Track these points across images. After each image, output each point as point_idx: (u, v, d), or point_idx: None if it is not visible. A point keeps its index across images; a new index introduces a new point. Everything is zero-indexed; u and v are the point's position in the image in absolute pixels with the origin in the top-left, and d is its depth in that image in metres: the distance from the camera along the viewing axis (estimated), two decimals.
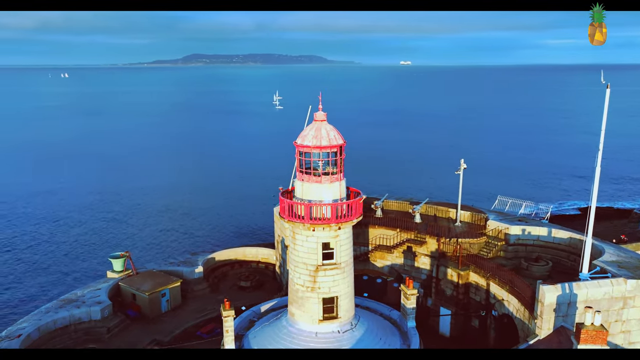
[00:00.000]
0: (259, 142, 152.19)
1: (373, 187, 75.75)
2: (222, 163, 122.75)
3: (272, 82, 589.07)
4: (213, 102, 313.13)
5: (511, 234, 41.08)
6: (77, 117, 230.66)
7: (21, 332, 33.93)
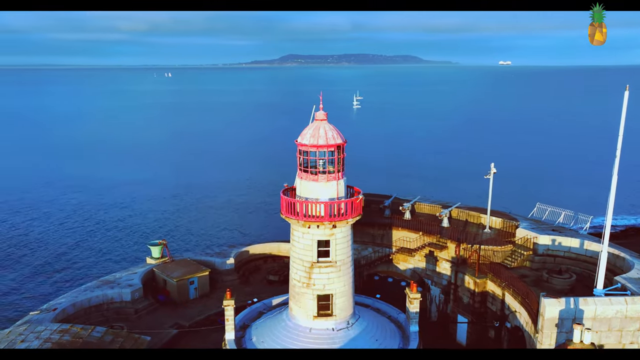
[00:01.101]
0: None
1: (417, 190, 74.81)
2: (278, 161, 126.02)
3: (361, 82, 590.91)
4: (297, 101, 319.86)
5: (540, 244, 39.04)
6: (172, 114, 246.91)
7: (57, 307, 37.93)
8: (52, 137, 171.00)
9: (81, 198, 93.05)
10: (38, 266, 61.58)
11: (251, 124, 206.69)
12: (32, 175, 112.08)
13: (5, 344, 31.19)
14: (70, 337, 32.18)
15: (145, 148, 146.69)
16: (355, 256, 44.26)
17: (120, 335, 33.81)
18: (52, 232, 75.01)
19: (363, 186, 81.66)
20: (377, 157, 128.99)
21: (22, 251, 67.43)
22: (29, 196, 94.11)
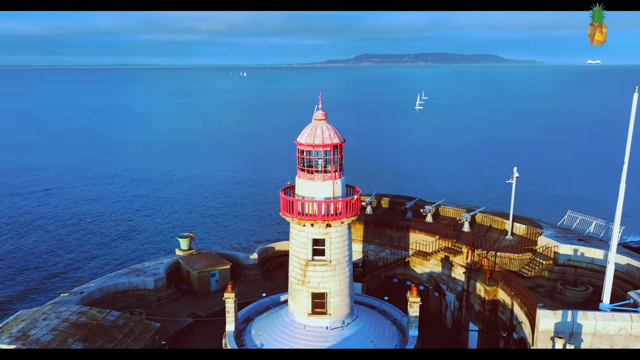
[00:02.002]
0: (364, 141, 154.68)
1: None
2: None
3: (435, 82, 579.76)
4: (362, 100, 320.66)
5: (560, 253, 37.27)
6: (240, 112, 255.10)
7: (84, 290, 41.07)
8: (122, 133, 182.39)
9: (135, 191, 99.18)
10: (82, 252, 66.77)
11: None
12: (96, 168, 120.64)
13: (29, 321, 34.31)
14: (86, 319, 34.85)
15: (207, 145, 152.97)
16: (373, 257, 44.56)
17: (132, 320, 36.15)
18: (102, 221, 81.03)
19: (396, 187, 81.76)
20: (420, 159, 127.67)
21: (73, 237, 73.50)
22: (88, 188, 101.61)
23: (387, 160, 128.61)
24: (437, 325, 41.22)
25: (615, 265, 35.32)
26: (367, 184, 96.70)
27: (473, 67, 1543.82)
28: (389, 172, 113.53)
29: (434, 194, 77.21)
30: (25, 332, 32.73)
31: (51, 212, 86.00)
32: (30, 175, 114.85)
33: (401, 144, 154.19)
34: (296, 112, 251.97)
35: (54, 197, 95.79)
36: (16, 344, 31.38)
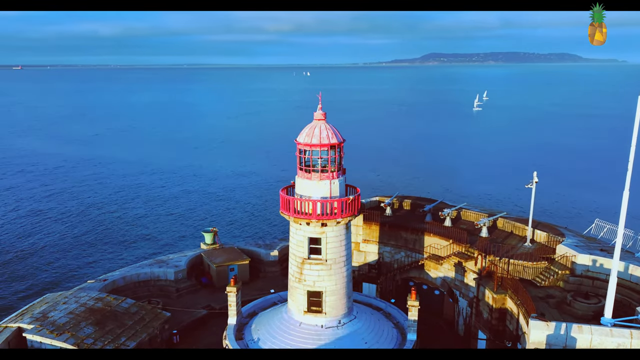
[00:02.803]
0: (407, 141, 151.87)
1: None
2: (378, 160, 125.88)
3: (504, 82, 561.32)
4: (421, 100, 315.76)
5: (578, 264, 35.59)
6: (294, 111, 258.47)
7: (108, 278, 43.60)
8: (181, 130, 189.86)
9: (177, 186, 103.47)
10: (116, 243, 70.88)
11: (370, 122, 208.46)
12: (149, 163, 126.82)
13: (51, 304, 36.96)
14: (102, 305, 37.13)
15: (254, 144, 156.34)
16: (388, 259, 44.40)
17: (144, 308, 38.10)
18: (143, 212, 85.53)
19: (430, 189, 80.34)
20: (462, 161, 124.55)
21: (115, 227, 78.24)
22: (137, 181, 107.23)
23: (426, 160, 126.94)
24: (447, 332, 40.49)
25: (637, 278, 33.64)
26: (400, 184, 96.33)
27: (547, 66, 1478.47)
28: (426, 173, 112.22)
29: (469, 198, 75.60)
30: (45, 314, 35.32)
31: (101, 202, 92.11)
32: (91, 166, 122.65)
33: (445, 145, 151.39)
34: (352, 112, 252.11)
35: (106, 188, 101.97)
36: (35, 324, 33.94)
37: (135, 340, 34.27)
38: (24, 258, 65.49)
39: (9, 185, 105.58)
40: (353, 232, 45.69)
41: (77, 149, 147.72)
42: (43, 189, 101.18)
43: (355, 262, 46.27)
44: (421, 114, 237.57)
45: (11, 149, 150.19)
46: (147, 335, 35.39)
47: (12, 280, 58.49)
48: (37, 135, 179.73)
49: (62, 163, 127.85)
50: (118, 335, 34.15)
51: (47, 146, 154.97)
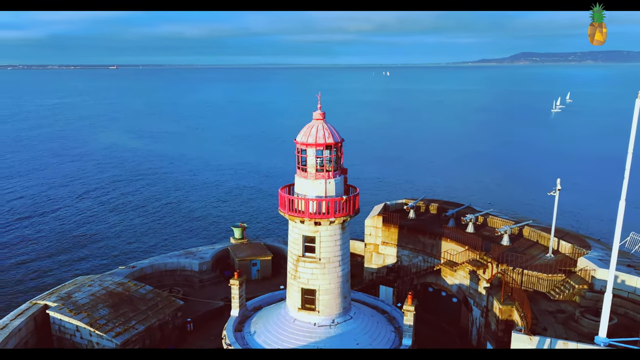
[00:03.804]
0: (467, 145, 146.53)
1: None
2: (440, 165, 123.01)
3: (596, 83, 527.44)
4: (500, 101, 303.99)
5: (597, 278, 33.63)
6: (366, 111, 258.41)
7: (136, 265, 46.62)
8: (249, 128, 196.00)
9: (231, 182, 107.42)
10: (159, 233, 75.17)
11: (440, 123, 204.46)
12: (209, 159, 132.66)
13: (78, 285, 40.21)
14: (122, 289, 39.91)
15: None
16: (406, 263, 44.14)
17: (160, 295, 40.46)
18: (193, 206, 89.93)
19: (475, 193, 77.60)
20: (520, 166, 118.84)
21: (158, 217, 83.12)
22: (194, 177, 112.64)
23: (482, 164, 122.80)
24: (457, 341, 39.54)
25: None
26: (446, 187, 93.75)
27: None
28: (476, 177, 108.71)
29: (517, 205, 72.51)
30: (70, 294, 38.54)
31: (158, 194, 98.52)
32: (158, 160, 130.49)
33: (505, 148, 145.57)
34: (425, 113, 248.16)
35: (164, 181, 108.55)
36: (58, 303, 37.17)
37: (144, 324, 36.59)
38: (78, 241, 71.73)
39: (82, 174, 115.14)
40: (372, 234, 45.88)
41: (148, 144, 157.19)
42: (110, 180, 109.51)
43: (373, 265, 46.34)
44: (495, 115, 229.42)
45: (93, 142, 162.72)
46: (157, 321, 37.63)
47: (59, 261, 64.55)
48: (118, 130, 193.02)
49: (132, 156, 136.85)
50: (129, 319, 36.62)
51: (123, 140, 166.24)
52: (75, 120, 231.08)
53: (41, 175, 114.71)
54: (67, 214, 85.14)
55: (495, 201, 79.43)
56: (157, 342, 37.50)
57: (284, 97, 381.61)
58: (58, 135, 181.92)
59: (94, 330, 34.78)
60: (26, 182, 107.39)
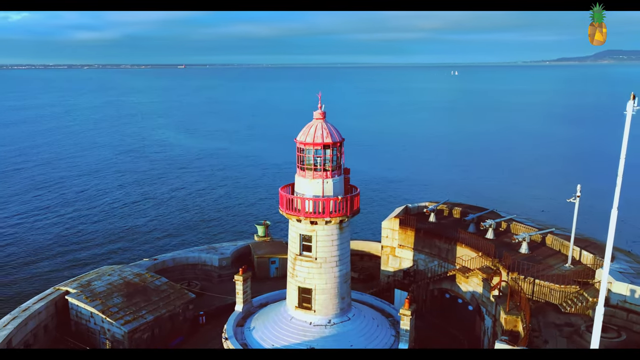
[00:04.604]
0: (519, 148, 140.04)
1: None
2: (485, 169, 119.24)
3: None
4: (573, 102, 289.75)
5: (613, 292, 31.99)
6: (424, 112, 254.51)
7: (157, 257, 48.85)
8: (297, 128, 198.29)
9: (273, 179, 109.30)
10: (184, 227, 78.19)
11: (501, 126, 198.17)
12: (257, 157, 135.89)
13: (99, 274, 42.72)
14: (139, 280, 42.07)
15: (362, 144, 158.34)
16: (423, 267, 43.75)
17: (173, 287, 42.30)
18: (230, 203, 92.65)
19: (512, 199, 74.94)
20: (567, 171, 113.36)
21: (188, 212, 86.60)
22: (235, 174, 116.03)
23: (531, 170, 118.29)
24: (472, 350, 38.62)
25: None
26: (487, 191, 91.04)
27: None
28: (512, 181, 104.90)
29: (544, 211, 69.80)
30: (90, 282, 41.09)
31: (198, 189, 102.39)
32: (206, 159, 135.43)
33: (561, 151, 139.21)
34: (490, 114, 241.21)
35: (206, 179, 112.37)
36: (78, 290, 39.73)
37: (153, 314, 38.47)
38: (113, 232, 76.45)
39: (131, 168, 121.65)
40: (389, 237, 45.74)
41: (200, 142, 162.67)
42: (154, 175, 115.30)
43: (390, 268, 46.17)
44: (564, 117, 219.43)
45: (149, 138, 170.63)
46: (167, 312, 39.42)
47: (91, 251, 68.97)
48: (173, 127, 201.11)
49: (183, 153, 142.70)
50: (140, 308, 38.62)
51: (176, 137, 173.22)
52: (135, 117, 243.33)
53: (91, 168, 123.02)
54: (111, 206, 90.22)
55: (535, 208, 76.81)
56: (166, 332, 39.29)
57: (348, 97, 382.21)
58: (115, 130, 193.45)
59: (105, 317, 36.98)
60: (76, 173, 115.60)
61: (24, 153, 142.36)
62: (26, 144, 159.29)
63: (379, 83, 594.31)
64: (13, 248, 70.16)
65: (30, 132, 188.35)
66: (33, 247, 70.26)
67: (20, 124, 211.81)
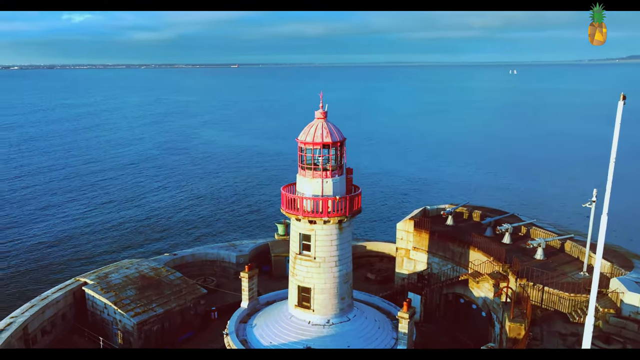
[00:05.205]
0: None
1: None
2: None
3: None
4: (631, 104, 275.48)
5: (625, 303, 30.79)
6: (477, 111, 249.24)
7: (177, 253, 50.52)
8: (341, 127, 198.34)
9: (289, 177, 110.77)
10: (208, 223, 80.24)
11: (552, 128, 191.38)
12: (286, 155, 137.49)
13: (118, 267, 44.67)
14: (154, 274, 43.74)
15: (409, 144, 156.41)
16: (437, 271, 43.37)
17: (186, 282, 43.69)
18: (260, 200, 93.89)
19: None
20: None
21: (219, 209, 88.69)
22: (270, 173, 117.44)
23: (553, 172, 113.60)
24: None
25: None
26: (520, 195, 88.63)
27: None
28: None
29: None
30: (107, 274, 43.06)
31: (229, 187, 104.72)
32: (245, 156, 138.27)
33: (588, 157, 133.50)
34: (547, 116, 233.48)
35: (239, 176, 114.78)
36: (95, 281, 41.74)
37: (163, 308, 39.91)
38: (142, 226, 79.55)
39: (169, 164, 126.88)
40: (404, 239, 45.54)
41: (241, 140, 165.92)
42: (193, 173, 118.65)
43: (404, 270, 45.95)
44: (626, 120, 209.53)
45: (196, 137, 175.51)
46: (177, 305, 40.79)
47: (117, 244, 71.87)
48: (220, 125, 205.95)
49: (226, 151, 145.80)
50: (151, 301, 40.16)
51: (222, 135, 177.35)
52: (181, 114, 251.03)
53: (131, 162, 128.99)
54: (144, 201, 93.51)
55: (563, 213, 74.13)
56: (177, 326, 40.67)
57: (399, 96, 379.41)
58: (159, 127, 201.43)
59: (117, 309, 38.69)
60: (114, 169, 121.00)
61: (71, 148, 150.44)
62: (71, 139, 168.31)
63: (429, 82, 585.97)
64: (45, 237, 74.34)
65: (76, 128, 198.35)
66: (61, 237, 74.03)
67: (71, 121, 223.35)
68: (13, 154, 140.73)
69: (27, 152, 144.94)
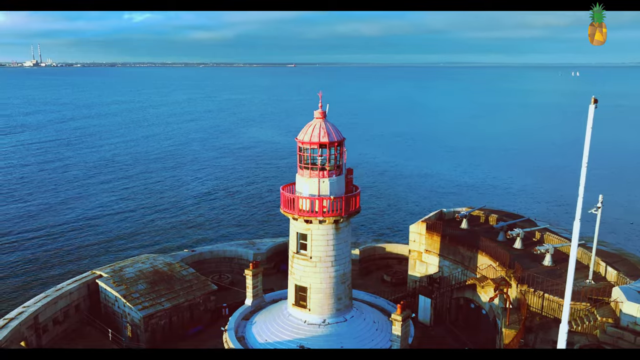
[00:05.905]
0: None
1: None
2: None
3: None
4: None
5: (624, 312, 29.99)
6: (533, 115, 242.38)
7: (195, 249, 52.42)
8: (394, 126, 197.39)
9: None
10: (236, 220, 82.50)
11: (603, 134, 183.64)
12: None
13: (133, 262, 46.91)
14: (167, 269, 45.72)
15: (450, 144, 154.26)
16: (447, 274, 43.39)
17: (198, 278, 45.43)
18: (272, 195, 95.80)
19: None
20: None
21: (245, 207, 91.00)
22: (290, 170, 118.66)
23: None
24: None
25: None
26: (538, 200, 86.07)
27: None
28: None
29: None
30: (122, 268, 45.31)
31: (262, 185, 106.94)
32: (281, 152, 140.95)
33: None
34: (602, 121, 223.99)
35: (274, 173, 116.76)
36: (109, 274, 43.96)
37: (171, 303, 41.72)
38: (170, 221, 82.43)
39: (208, 159, 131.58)
40: (416, 241, 45.67)
41: (282, 138, 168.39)
42: (233, 169, 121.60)
43: (416, 273, 46.04)
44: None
45: (241, 135, 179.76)
46: (185, 301, 42.51)
47: (138, 239, 74.68)
48: (266, 125, 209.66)
49: (265, 148, 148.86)
50: (160, 296, 42.06)
51: (266, 134, 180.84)
52: (230, 112, 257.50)
53: (173, 158, 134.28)
54: (176, 197, 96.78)
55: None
56: (185, 321, 42.39)
57: (455, 97, 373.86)
58: (209, 124, 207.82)
59: (126, 302, 40.74)
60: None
61: (118, 144, 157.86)
62: (114, 134, 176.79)
63: (480, 84, 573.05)
64: (72, 227, 78.51)
65: (119, 122, 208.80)
66: (88, 230, 77.73)
67: (114, 115, 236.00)
68: (62, 147, 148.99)
69: (75, 142, 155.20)
